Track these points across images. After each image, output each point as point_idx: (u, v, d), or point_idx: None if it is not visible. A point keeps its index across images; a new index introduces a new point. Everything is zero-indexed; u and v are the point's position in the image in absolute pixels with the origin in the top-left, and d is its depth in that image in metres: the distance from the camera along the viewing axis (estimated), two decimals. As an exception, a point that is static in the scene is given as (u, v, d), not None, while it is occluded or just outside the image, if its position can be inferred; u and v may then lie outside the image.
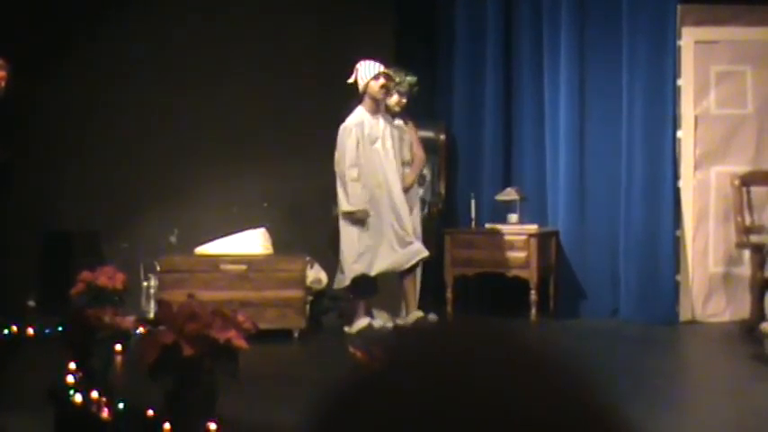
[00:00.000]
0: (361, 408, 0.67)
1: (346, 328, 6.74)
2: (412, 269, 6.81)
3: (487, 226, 7.42)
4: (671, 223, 7.25)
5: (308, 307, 6.83)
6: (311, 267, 6.99)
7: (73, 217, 7.66)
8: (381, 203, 6.68)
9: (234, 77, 7.84)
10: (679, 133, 7.35)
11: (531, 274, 7.20)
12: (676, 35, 7.29)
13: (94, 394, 3.76)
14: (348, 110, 6.79)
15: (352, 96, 6.94)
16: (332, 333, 6.88)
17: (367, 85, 6.69)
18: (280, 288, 6.67)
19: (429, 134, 7.60)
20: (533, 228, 7.31)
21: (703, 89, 7.44)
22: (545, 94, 7.69)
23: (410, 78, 7.08)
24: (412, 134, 7.19)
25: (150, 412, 3.55)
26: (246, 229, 7.23)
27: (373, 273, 6.69)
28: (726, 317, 7.28)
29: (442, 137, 7.67)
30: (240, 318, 3.77)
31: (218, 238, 7.10)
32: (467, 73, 7.81)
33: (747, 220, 7.07)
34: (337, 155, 6.73)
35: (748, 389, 5.21)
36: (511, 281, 7.27)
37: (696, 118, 7.43)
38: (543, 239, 7.37)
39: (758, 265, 6.71)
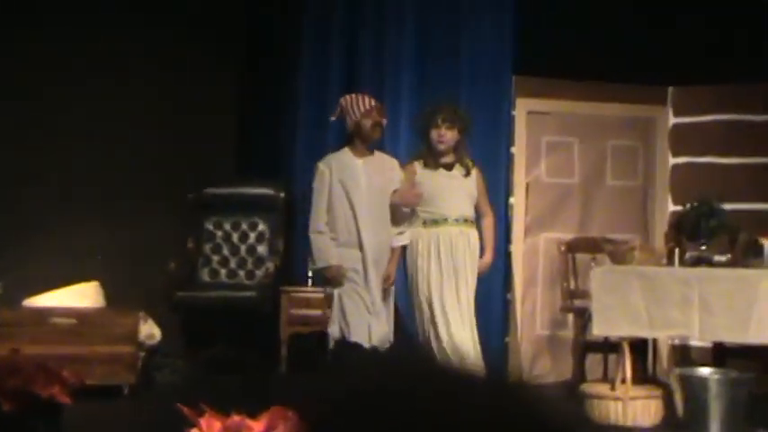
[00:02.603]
0: None
1: None
2: None
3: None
4: (501, 286, 7.46)
5: (140, 362, 6.70)
6: (144, 322, 6.87)
7: None
8: (354, 269, 5.55)
9: (66, 125, 7.64)
10: (511, 199, 7.63)
11: (366, 333, 7.27)
12: (511, 105, 7.59)
13: None
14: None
15: (197, 148, 6.78)
16: (164, 390, 6.75)
17: (357, 124, 5.61)
18: (111, 343, 6.55)
19: (269, 191, 7.67)
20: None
21: (535, 158, 7.77)
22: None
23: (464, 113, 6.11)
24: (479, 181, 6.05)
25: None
26: (78, 281, 7.06)
27: (353, 338, 5.50)
28: (551, 378, 7.54)
29: (282, 194, 7.71)
30: (65, 373, 3.69)
31: (48, 290, 6.90)
32: (308, 134, 7.87)
33: (572, 285, 7.39)
34: None
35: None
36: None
37: (528, 185, 7.75)
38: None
39: (580, 328, 7.02)
